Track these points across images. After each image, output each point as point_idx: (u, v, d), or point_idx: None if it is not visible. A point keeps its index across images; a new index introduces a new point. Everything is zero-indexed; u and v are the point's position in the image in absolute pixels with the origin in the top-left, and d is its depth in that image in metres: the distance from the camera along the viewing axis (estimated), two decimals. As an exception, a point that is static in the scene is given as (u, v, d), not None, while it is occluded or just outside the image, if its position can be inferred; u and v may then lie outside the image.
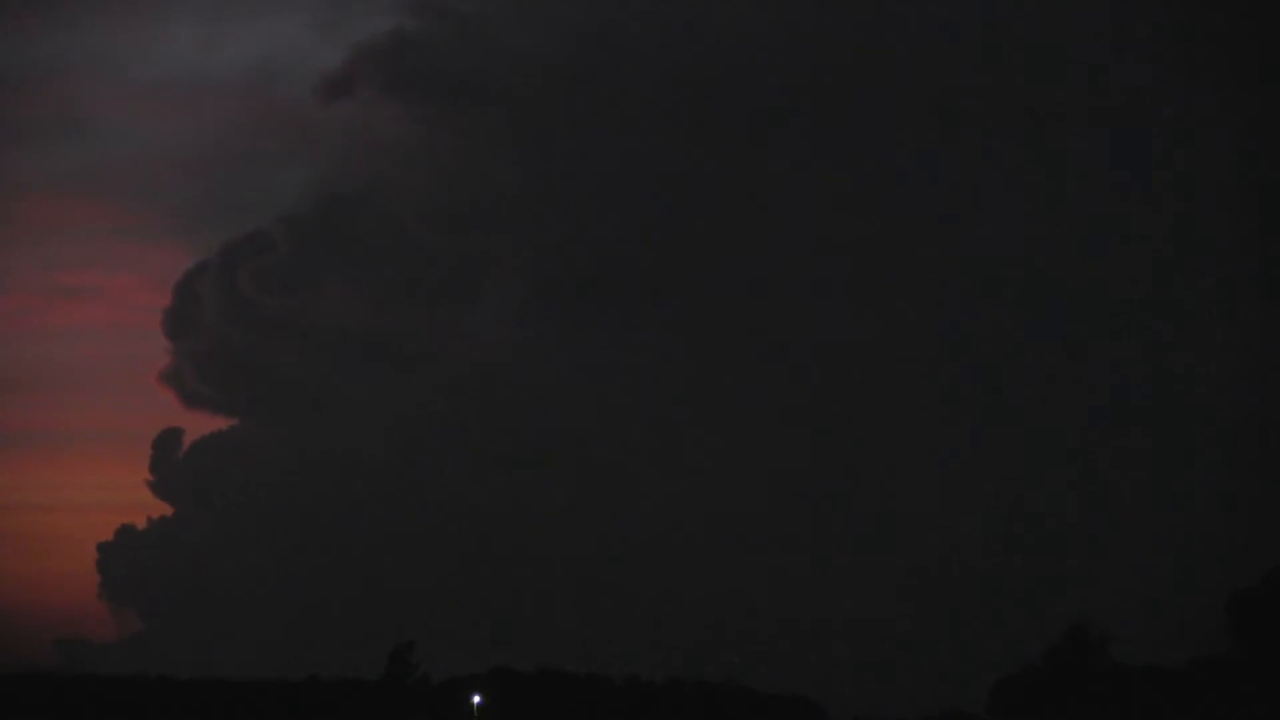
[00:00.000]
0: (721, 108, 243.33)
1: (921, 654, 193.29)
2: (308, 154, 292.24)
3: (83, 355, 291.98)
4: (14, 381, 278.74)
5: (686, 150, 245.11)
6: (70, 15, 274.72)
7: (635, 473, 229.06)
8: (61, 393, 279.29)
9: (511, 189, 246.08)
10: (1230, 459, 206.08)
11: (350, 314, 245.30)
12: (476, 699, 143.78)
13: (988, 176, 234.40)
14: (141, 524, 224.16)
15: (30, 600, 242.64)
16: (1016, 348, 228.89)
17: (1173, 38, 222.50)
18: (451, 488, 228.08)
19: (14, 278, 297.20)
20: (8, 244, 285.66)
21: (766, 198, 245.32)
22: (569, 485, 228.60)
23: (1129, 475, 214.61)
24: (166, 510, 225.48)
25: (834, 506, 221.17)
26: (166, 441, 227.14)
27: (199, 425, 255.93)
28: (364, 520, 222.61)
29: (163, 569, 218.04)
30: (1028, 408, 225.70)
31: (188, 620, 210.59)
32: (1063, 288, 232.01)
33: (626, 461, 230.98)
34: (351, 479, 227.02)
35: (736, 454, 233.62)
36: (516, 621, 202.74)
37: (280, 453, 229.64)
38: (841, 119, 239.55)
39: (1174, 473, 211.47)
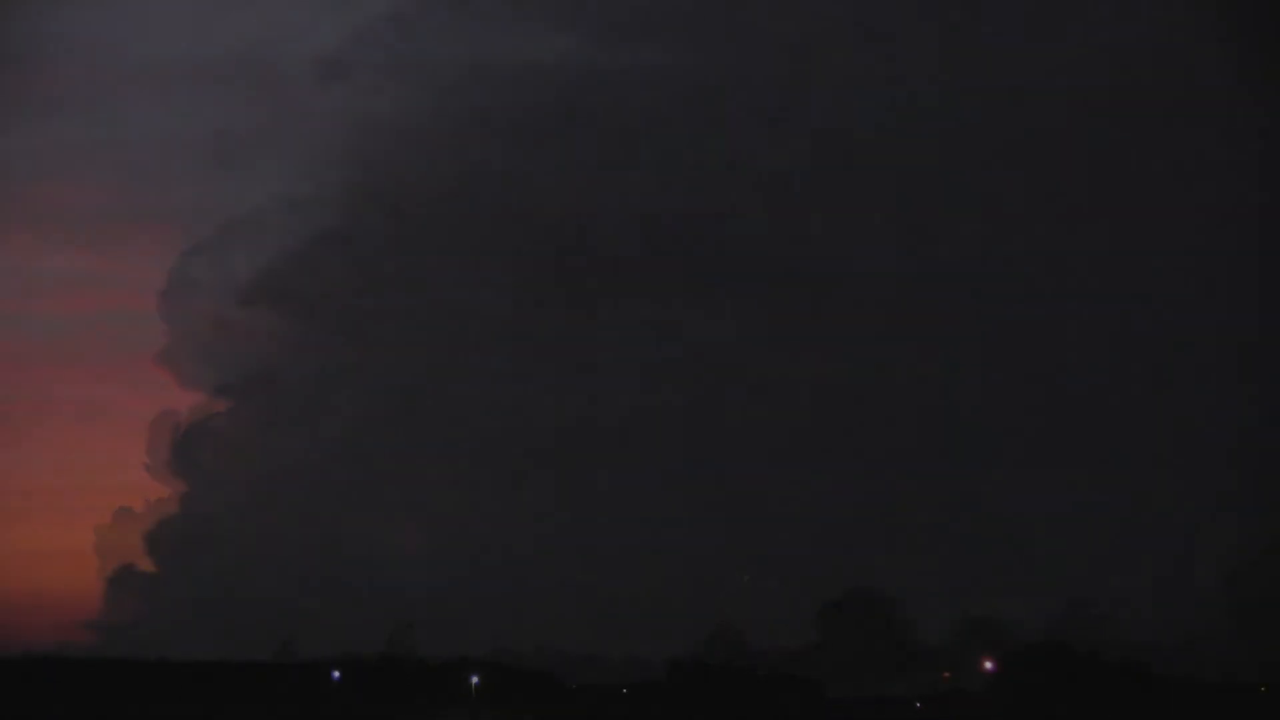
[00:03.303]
0: (722, 91, 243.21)
1: (920, 632, 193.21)
2: (304, 136, 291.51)
3: (79, 337, 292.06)
4: (11, 363, 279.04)
5: (684, 132, 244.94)
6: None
7: (631, 455, 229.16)
8: (58, 374, 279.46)
9: (509, 170, 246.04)
10: (1232, 440, 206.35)
11: (346, 294, 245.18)
12: (475, 680, 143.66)
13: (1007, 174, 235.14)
14: (139, 507, 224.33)
15: (27, 583, 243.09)
16: (1011, 335, 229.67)
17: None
18: (449, 467, 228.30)
19: (10, 259, 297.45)
20: (3, 226, 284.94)
21: (765, 185, 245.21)
22: (567, 467, 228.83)
23: (1129, 454, 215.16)
24: (164, 493, 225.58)
25: (835, 486, 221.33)
26: (164, 424, 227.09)
27: (196, 407, 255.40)
28: (362, 501, 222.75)
29: (160, 552, 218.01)
30: (1028, 390, 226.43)
31: (186, 602, 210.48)
32: (1070, 279, 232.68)
33: (622, 443, 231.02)
34: (349, 460, 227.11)
35: (732, 435, 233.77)
36: (515, 603, 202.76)
37: (277, 434, 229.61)
38: (845, 113, 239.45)
39: (1174, 452, 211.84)
